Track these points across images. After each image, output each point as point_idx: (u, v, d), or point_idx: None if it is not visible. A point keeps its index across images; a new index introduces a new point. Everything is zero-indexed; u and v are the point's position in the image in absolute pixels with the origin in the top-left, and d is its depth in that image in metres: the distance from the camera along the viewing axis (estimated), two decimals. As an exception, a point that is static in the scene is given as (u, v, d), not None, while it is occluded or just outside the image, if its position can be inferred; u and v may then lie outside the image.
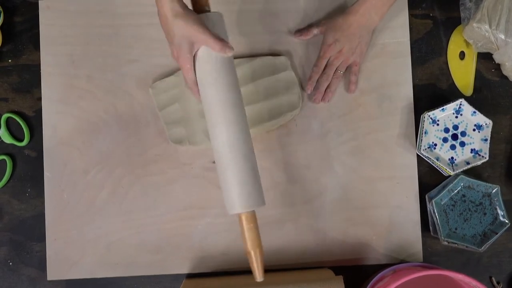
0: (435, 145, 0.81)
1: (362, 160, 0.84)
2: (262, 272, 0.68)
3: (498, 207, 0.80)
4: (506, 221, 0.79)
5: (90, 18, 0.86)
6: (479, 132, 0.81)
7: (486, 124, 0.81)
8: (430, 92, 0.85)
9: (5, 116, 0.85)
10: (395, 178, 0.84)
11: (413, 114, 0.84)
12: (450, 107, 0.81)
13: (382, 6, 0.78)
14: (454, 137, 0.82)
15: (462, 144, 0.81)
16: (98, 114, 0.85)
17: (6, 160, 0.85)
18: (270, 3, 0.86)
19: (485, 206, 0.81)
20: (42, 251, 0.84)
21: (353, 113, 0.84)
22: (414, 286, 0.74)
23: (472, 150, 0.81)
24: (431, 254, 0.84)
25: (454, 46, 0.86)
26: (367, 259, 0.83)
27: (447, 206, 0.81)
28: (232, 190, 0.68)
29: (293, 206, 0.83)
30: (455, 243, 0.79)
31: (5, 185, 0.85)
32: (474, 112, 0.81)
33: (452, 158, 0.81)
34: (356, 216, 0.83)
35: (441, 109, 0.81)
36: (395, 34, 0.85)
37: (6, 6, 0.87)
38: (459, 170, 0.80)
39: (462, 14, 0.83)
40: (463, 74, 0.86)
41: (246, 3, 0.86)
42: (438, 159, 0.81)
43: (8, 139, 0.85)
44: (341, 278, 0.76)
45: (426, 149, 0.81)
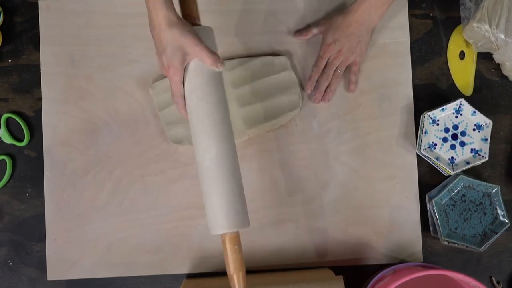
0: (435, 145, 0.81)
1: (362, 160, 0.84)
2: None
3: (498, 207, 0.80)
4: (506, 221, 0.79)
5: (90, 18, 0.86)
6: (479, 132, 0.81)
7: (486, 124, 0.81)
8: (430, 92, 0.85)
9: (5, 116, 0.85)
10: (395, 178, 0.84)
11: (413, 114, 0.84)
12: (450, 107, 0.81)
13: (381, 5, 0.78)
14: (454, 137, 0.82)
15: (462, 144, 0.81)
16: (98, 114, 0.85)
17: (6, 160, 0.85)
18: (270, 3, 0.86)
19: (485, 206, 0.81)
20: (42, 251, 0.84)
21: (353, 113, 0.84)
22: (414, 286, 0.74)
23: (472, 150, 0.81)
24: (431, 254, 0.84)
25: (454, 46, 0.86)
26: (367, 259, 0.83)
27: (447, 206, 0.81)
28: (216, 209, 0.66)
29: (293, 206, 0.83)
30: (455, 243, 0.79)
31: (5, 185, 0.85)
32: (474, 112, 0.81)
33: (452, 158, 0.81)
34: (356, 216, 0.83)
35: (441, 109, 0.81)
36: (395, 34, 0.85)
37: (6, 6, 0.87)
38: (459, 170, 0.80)
39: (462, 14, 0.83)
40: (463, 74, 0.86)
41: (246, 3, 0.86)
42: (438, 159, 0.81)
43: (8, 139, 0.85)
44: (341, 278, 0.76)
45: (426, 149, 0.81)
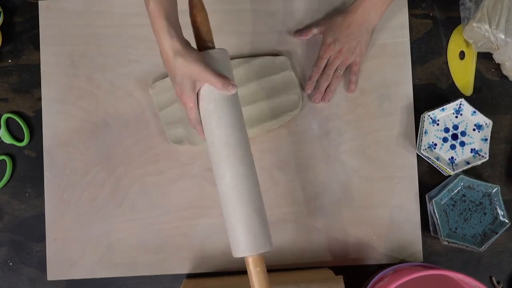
0: (435, 145, 0.81)
1: (362, 160, 0.84)
2: None
3: (498, 207, 0.80)
4: (506, 220, 0.79)
5: (90, 18, 0.86)
6: (479, 132, 0.81)
7: (486, 124, 0.81)
8: (430, 92, 0.85)
9: (5, 116, 0.85)
10: (395, 178, 0.84)
11: (413, 114, 0.84)
12: (450, 107, 0.81)
13: (380, 5, 0.78)
14: (454, 137, 0.82)
15: (462, 144, 0.81)
16: (98, 114, 0.85)
17: (6, 160, 0.85)
18: (270, 3, 0.86)
19: (485, 206, 0.81)
20: (42, 251, 0.84)
21: (353, 113, 0.84)
22: (414, 286, 0.74)
23: (472, 150, 0.81)
24: (431, 254, 0.84)
25: (454, 46, 0.86)
26: (367, 259, 0.83)
27: (447, 206, 0.81)
28: (237, 233, 0.66)
29: (293, 206, 0.83)
30: (455, 243, 0.79)
31: (5, 185, 0.85)
32: (474, 112, 0.81)
33: (452, 158, 0.81)
34: (356, 216, 0.83)
35: (441, 109, 0.81)
36: (395, 34, 0.85)
37: (6, 6, 0.87)
38: (459, 170, 0.80)
39: (462, 14, 0.83)
40: (463, 74, 0.86)
41: (247, 3, 0.86)
42: (438, 159, 0.81)
43: (8, 139, 0.85)
44: (341, 278, 0.76)
45: (426, 149, 0.81)
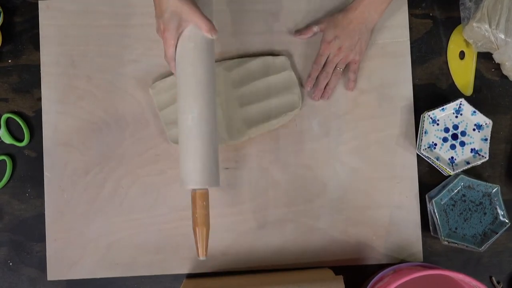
0: (435, 145, 0.81)
1: (362, 160, 0.84)
2: (205, 251, 0.70)
3: (498, 207, 0.80)
4: (506, 220, 0.79)
5: (90, 18, 0.86)
6: (479, 131, 0.81)
7: (486, 123, 0.81)
8: (430, 92, 0.85)
9: (5, 116, 0.85)
10: (395, 178, 0.84)
11: (413, 114, 0.84)
12: (450, 107, 0.81)
13: (380, 4, 0.78)
14: (454, 136, 0.81)
15: (462, 143, 0.81)
16: (98, 114, 0.85)
17: (6, 160, 0.85)
18: (270, 3, 0.86)
19: (485, 205, 0.81)
20: (42, 251, 0.84)
21: (353, 112, 0.84)
22: (414, 286, 0.74)
23: (472, 149, 0.81)
24: (431, 254, 0.84)
25: (454, 45, 0.86)
26: (367, 259, 0.83)
27: (447, 206, 0.81)
28: (191, 165, 0.70)
29: (293, 206, 0.83)
30: (455, 243, 0.79)
31: (5, 185, 0.85)
32: (474, 111, 0.81)
33: (452, 158, 0.81)
34: (356, 216, 0.83)
35: (441, 108, 0.81)
36: (395, 33, 0.85)
37: (6, 6, 0.87)
38: (459, 170, 0.80)
39: (462, 14, 0.83)
40: (463, 73, 0.86)
41: (246, 3, 0.86)
42: (438, 159, 0.81)
43: (8, 139, 0.85)
44: (341, 278, 0.76)
45: (426, 149, 0.81)
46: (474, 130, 0.81)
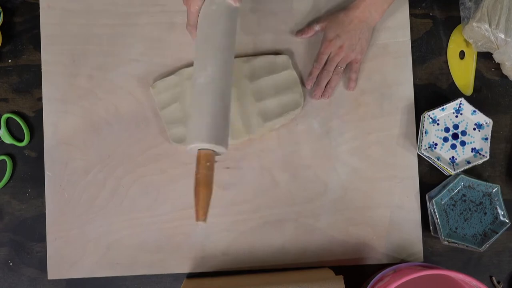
0: (436, 144, 0.81)
1: (363, 160, 0.84)
2: (205, 214, 0.64)
3: (498, 207, 0.80)
4: (507, 220, 0.79)
5: (91, 17, 0.86)
6: (480, 131, 0.81)
7: (486, 123, 0.81)
8: (430, 91, 0.86)
9: (5, 116, 0.85)
10: (396, 178, 0.84)
11: (413, 114, 0.84)
12: (450, 107, 0.81)
13: (382, 4, 0.78)
14: (455, 136, 0.82)
15: (463, 143, 0.81)
16: (99, 114, 0.85)
17: (6, 160, 0.84)
18: (271, 3, 0.86)
19: (485, 205, 0.81)
20: (42, 252, 0.84)
21: (353, 112, 0.84)
22: (414, 286, 0.74)
23: (472, 149, 0.81)
24: (432, 254, 0.84)
25: (454, 45, 0.86)
26: (368, 259, 0.83)
27: (448, 205, 0.81)
28: (201, 122, 0.66)
29: (293, 205, 0.83)
30: (456, 243, 0.79)
31: (5, 185, 0.85)
32: (474, 111, 0.81)
33: (453, 157, 0.81)
34: (356, 215, 0.83)
35: (441, 108, 0.81)
36: (396, 34, 0.85)
37: (6, 6, 0.87)
38: (460, 170, 0.80)
39: (462, 14, 0.83)
40: (463, 73, 0.86)
41: (248, 3, 0.86)
42: (439, 159, 0.81)
43: (8, 139, 0.85)
44: (341, 278, 0.76)
45: (426, 149, 0.81)
46: (474, 129, 0.81)
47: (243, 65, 0.83)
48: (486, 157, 0.80)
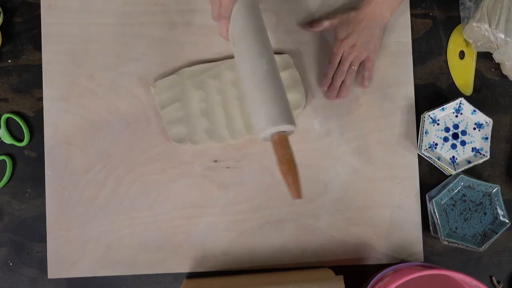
0: (436, 144, 0.81)
1: (363, 160, 0.84)
2: (299, 192, 0.66)
3: (498, 207, 0.80)
4: (506, 220, 0.79)
5: (92, 16, 0.86)
6: (480, 130, 0.81)
7: (486, 122, 0.81)
8: (430, 91, 0.86)
9: (5, 116, 0.85)
10: (396, 178, 0.84)
11: (414, 114, 0.84)
12: (450, 106, 0.81)
13: (393, 2, 0.78)
14: (455, 136, 0.82)
15: (463, 143, 0.81)
16: (99, 113, 0.85)
17: (6, 160, 0.84)
18: (273, 2, 0.86)
19: (485, 205, 0.81)
20: (42, 251, 0.84)
21: (354, 112, 0.84)
22: (414, 286, 0.74)
23: (473, 148, 0.81)
24: (432, 254, 0.84)
25: (454, 45, 0.86)
26: (368, 259, 0.83)
27: (447, 205, 0.81)
28: (272, 107, 0.66)
29: (293, 205, 0.83)
30: (456, 243, 0.79)
31: (5, 185, 0.85)
32: (474, 110, 0.81)
33: (453, 157, 0.81)
34: (356, 215, 0.83)
35: (441, 108, 0.81)
36: (397, 34, 0.86)
37: (6, 6, 0.87)
38: (461, 169, 0.80)
39: (462, 14, 0.83)
40: (463, 73, 0.86)
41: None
42: (439, 159, 0.81)
43: (8, 139, 0.85)
44: (341, 277, 0.76)
45: (427, 149, 0.81)
46: (474, 129, 0.82)
47: (244, 64, 0.83)
48: (487, 156, 0.80)
